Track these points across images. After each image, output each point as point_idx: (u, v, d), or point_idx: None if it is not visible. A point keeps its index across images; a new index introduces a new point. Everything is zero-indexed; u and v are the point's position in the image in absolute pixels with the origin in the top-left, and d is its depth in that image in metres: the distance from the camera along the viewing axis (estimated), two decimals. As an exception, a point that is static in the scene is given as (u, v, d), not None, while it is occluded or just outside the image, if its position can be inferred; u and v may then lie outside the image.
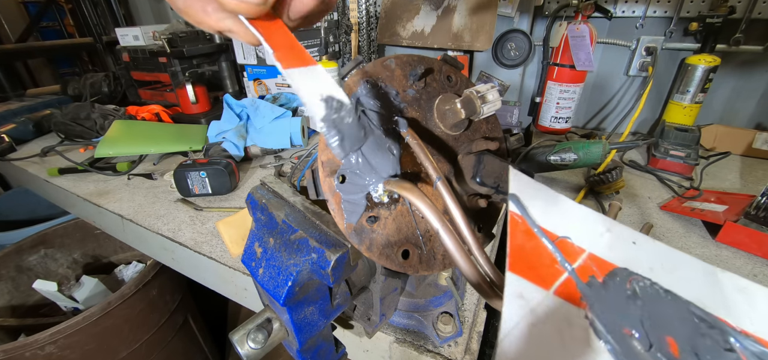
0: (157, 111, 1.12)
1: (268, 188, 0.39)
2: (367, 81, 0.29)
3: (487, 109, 0.28)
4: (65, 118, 1.06)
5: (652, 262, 0.21)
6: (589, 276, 0.20)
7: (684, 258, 0.21)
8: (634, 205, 0.66)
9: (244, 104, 0.95)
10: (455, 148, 0.32)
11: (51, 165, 0.91)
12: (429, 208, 0.24)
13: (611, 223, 0.22)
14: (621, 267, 0.21)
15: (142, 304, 0.96)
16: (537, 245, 0.21)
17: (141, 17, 1.88)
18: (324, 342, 0.39)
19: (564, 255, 0.21)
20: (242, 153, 0.87)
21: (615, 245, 0.21)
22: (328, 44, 1.18)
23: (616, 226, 0.22)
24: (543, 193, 0.22)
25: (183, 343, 1.13)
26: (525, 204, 0.21)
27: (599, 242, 0.21)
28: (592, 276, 0.20)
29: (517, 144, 0.56)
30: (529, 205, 0.22)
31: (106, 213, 0.72)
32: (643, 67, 0.97)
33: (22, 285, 1.12)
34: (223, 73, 1.31)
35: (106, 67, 1.83)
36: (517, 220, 0.21)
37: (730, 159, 0.84)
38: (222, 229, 0.57)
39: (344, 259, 0.30)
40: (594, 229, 0.22)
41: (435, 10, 1.08)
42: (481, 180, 0.29)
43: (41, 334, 0.80)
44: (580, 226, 0.22)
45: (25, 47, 2.08)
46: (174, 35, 1.08)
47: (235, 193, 0.75)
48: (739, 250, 0.53)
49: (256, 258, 0.35)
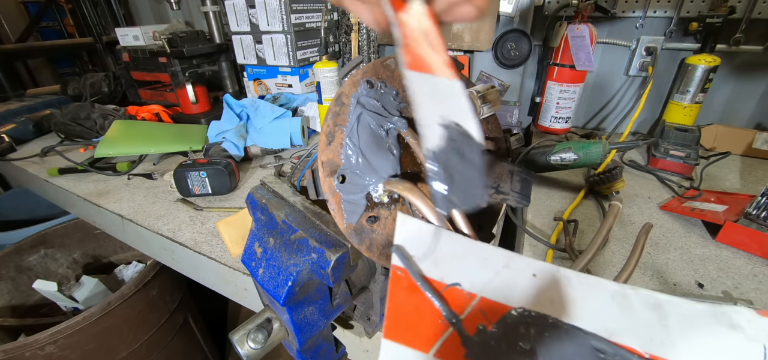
0: (157, 111, 1.12)
1: (268, 188, 0.39)
2: (367, 81, 0.29)
3: (487, 109, 0.28)
4: (65, 118, 1.06)
5: (553, 294, 0.19)
6: (478, 325, 0.18)
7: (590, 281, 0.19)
8: (634, 205, 0.66)
9: (244, 104, 0.95)
10: (455, 148, 0.32)
11: (51, 165, 0.91)
12: (429, 207, 0.24)
13: (510, 257, 0.20)
14: (515, 308, 0.19)
15: (142, 304, 0.96)
16: (420, 302, 0.19)
17: (141, 17, 1.88)
18: (324, 342, 0.39)
19: (451, 305, 0.19)
20: (242, 153, 0.87)
21: (513, 283, 0.19)
22: (328, 44, 1.18)
23: (515, 260, 0.20)
24: (435, 237, 0.20)
25: (183, 343, 1.13)
26: (410, 253, 0.20)
27: (494, 282, 0.19)
28: (482, 324, 0.18)
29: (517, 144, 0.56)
30: (417, 254, 0.20)
31: (106, 213, 0.72)
32: (643, 67, 0.97)
33: (22, 285, 1.12)
34: (223, 73, 1.31)
35: (106, 67, 1.83)
36: (398, 275, 0.19)
37: (730, 159, 0.84)
38: (222, 229, 0.57)
39: (344, 259, 0.30)
40: (491, 267, 0.20)
41: (435, 10, 1.08)
42: (481, 180, 0.29)
43: (41, 334, 0.80)
44: (475, 268, 0.20)
45: (25, 47, 2.08)
46: (174, 35, 1.08)
47: (235, 193, 0.75)
48: (739, 250, 0.53)
49: (256, 258, 0.35)
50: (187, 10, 1.67)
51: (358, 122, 0.28)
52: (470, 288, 0.19)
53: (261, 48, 1.15)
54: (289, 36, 1.07)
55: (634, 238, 0.55)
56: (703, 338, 0.18)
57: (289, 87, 1.16)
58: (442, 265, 0.20)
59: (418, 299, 0.19)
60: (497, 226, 0.63)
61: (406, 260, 0.19)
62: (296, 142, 0.93)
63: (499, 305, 0.19)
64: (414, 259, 0.20)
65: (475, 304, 0.19)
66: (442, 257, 0.20)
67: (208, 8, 1.20)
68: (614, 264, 0.51)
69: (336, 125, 0.27)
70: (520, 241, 0.59)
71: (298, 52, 1.10)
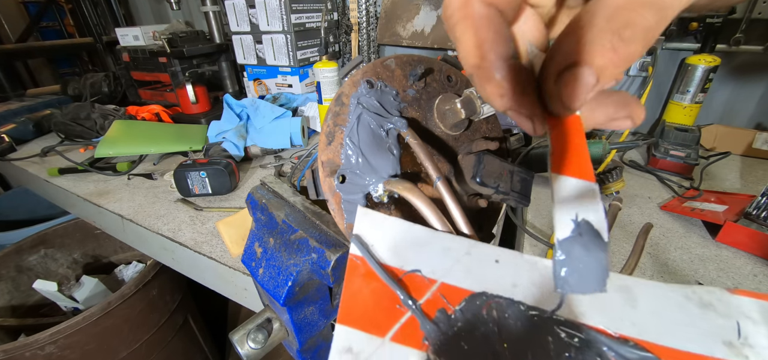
0: (157, 111, 1.12)
1: (268, 188, 0.39)
2: (367, 81, 0.29)
3: (487, 109, 0.28)
4: (65, 118, 1.06)
5: (516, 279, 0.19)
6: (438, 310, 0.18)
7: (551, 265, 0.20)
8: (634, 205, 0.66)
9: (244, 104, 0.95)
10: (455, 148, 0.32)
11: (51, 165, 0.91)
12: (428, 207, 0.24)
13: (472, 245, 0.20)
14: (477, 292, 0.19)
15: (142, 304, 0.96)
16: (376, 288, 0.19)
17: (141, 17, 1.88)
18: (324, 342, 0.39)
19: (410, 291, 0.19)
20: (242, 153, 0.87)
21: (474, 268, 0.19)
22: (328, 44, 1.18)
23: (477, 247, 0.20)
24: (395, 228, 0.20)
25: (183, 343, 1.13)
26: (368, 242, 0.20)
27: (455, 269, 0.19)
28: (441, 309, 0.18)
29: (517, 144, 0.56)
30: (374, 242, 0.20)
31: (106, 213, 0.72)
32: (643, 67, 0.97)
33: (22, 285, 1.12)
34: (223, 73, 1.31)
35: (106, 67, 1.83)
36: (356, 263, 0.19)
37: (730, 159, 0.84)
38: (222, 229, 0.57)
39: (344, 259, 0.30)
40: (452, 255, 0.20)
41: (435, 10, 1.08)
42: (481, 180, 0.29)
43: (41, 334, 0.80)
44: (436, 255, 0.20)
45: (25, 47, 2.08)
46: (174, 35, 1.08)
47: (235, 193, 0.75)
48: (739, 250, 0.53)
49: (256, 258, 0.35)
50: (187, 10, 1.67)
51: (358, 122, 0.28)
52: (430, 274, 0.19)
53: (261, 48, 1.15)
54: (289, 36, 1.07)
55: (634, 238, 0.55)
56: (674, 316, 0.18)
57: (289, 87, 1.16)
58: (402, 254, 0.20)
59: (376, 286, 0.19)
60: (497, 226, 0.63)
61: (364, 248, 0.19)
62: (296, 142, 0.93)
63: (460, 290, 0.19)
64: (373, 247, 0.20)
65: (435, 290, 0.19)
66: (403, 247, 0.20)
67: (208, 8, 1.20)
68: (614, 264, 0.51)
69: (336, 125, 0.27)
70: (520, 241, 0.59)
71: (298, 52, 1.10)
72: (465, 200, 0.32)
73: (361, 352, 0.17)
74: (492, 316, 0.18)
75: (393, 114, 0.29)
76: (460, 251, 0.20)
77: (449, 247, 0.20)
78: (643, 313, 0.18)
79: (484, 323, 0.18)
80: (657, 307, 0.18)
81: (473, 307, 0.18)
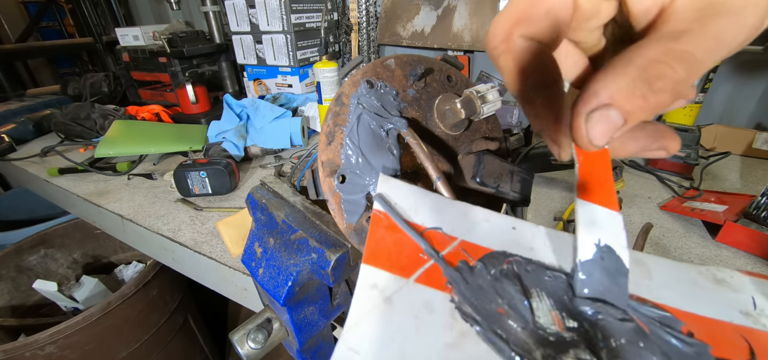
0: (157, 111, 1.12)
1: (268, 188, 0.39)
2: (367, 81, 0.29)
3: (487, 109, 0.28)
4: (65, 118, 1.06)
5: (532, 244, 0.20)
6: (460, 261, 0.19)
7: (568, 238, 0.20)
8: (634, 205, 0.66)
9: (244, 104, 0.95)
10: (455, 148, 0.32)
11: (51, 165, 0.91)
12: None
13: (490, 214, 0.21)
14: (498, 250, 0.19)
15: (142, 304, 0.96)
16: (400, 238, 0.19)
17: (141, 17, 1.88)
18: (324, 342, 0.39)
19: (432, 244, 0.19)
20: (242, 153, 0.87)
21: (493, 232, 0.20)
22: (328, 44, 1.18)
23: (496, 216, 0.21)
24: (414, 193, 0.21)
25: (183, 343, 1.14)
26: (392, 201, 0.20)
27: (475, 231, 0.20)
28: (463, 261, 0.19)
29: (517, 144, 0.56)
30: (397, 202, 0.20)
31: (106, 213, 0.72)
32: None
33: (22, 285, 1.12)
34: (223, 73, 1.31)
35: (106, 67, 1.83)
36: (379, 217, 0.20)
37: (730, 159, 0.84)
38: (222, 229, 0.57)
39: (344, 259, 0.30)
40: (470, 219, 0.21)
41: (435, 10, 1.08)
42: (481, 180, 0.29)
43: (41, 334, 0.80)
44: (455, 218, 0.20)
45: (25, 47, 2.08)
46: (174, 35, 1.08)
47: (235, 193, 0.75)
48: (739, 250, 0.53)
49: (256, 258, 0.35)
50: (187, 10, 1.67)
51: (358, 122, 0.28)
52: (451, 232, 0.20)
53: (261, 48, 1.15)
54: (289, 36, 1.07)
55: (634, 238, 0.55)
56: (689, 289, 0.19)
57: (289, 87, 1.16)
58: (423, 214, 0.20)
59: (399, 236, 0.19)
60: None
61: (387, 205, 0.20)
62: (296, 142, 0.93)
63: (480, 247, 0.19)
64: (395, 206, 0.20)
65: (456, 245, 0.19)
66: (423, 209, 0.21)
67: (208, 8, 1.20)
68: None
69: (336, 125, 0.27)
70: (520, 241, 0.59)
71: (298, 52, 1.10)
72: (465, 200, 0.32)
73: (387, 288, 0.17)
74: (513, 270, 0.19)
75: (393, 114, 0.29)
76: (479, 217, 0.21)
77: (467, 213, 0.21)
78: (658, 284, 0.18)
79: (506, 276, 0.19)
80: (671, 279, 0.19)
81: (494, 261, 0.19)
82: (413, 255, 0.19)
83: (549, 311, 0.17)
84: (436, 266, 0.19)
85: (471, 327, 0.17)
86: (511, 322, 0.17)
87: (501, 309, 0.17)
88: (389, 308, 0.17)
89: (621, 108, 0.14)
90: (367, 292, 0.17)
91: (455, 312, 0.17)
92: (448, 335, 0.16)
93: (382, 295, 0.17)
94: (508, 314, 0.17)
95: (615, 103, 0.15)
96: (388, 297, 0.17)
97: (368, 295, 0.17)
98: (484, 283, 0.18)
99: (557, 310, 0.17)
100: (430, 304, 0.17)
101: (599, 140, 0.15)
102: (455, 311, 0.17)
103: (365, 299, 0.17)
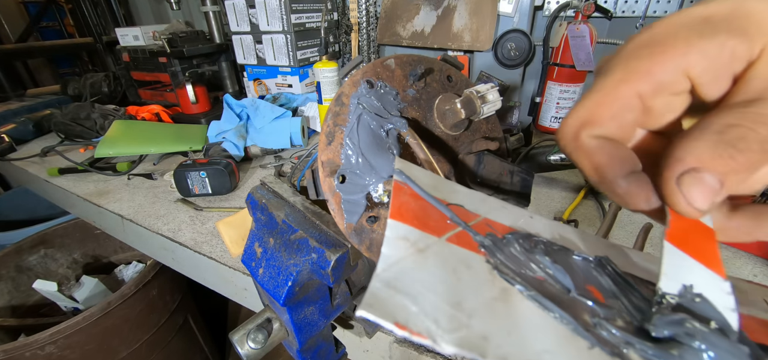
0: (157, 111, 1.12)
1: (268, 188, 0.39)
2: (367, 81, 0.29)
3: (487, 109, 0.28)
4: (65, 118, 1.06)
5: (552, 233, 0.20)
6: (487, 233, 0.18)
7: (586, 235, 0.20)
8: (634, 205, 0.66)
9: (244, 104, 0.95)
10: (455, 148, 0.32)
11: (51, 165, 0.91)
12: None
13: (505, 203, 0.21)
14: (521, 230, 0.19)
15: (142, 304, 0.96)
16: (424, 205, 0.19)
17: (141, 17, 1.88)
18: (324, 342, 0.39)
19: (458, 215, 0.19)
20: (242, 153, 0.87)
21: (513, 216, 0.20)
22: (328, 44, 1.18)
23: (513, 207, 0.21)
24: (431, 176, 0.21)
25: (183, 343, 1.14)
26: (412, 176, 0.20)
27: (494, 212, 0.20)
28: (490, 232, 0.18)
29: (517, 144, 0.56)
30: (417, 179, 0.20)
31: (106, 213, 0.72)
32: None
33: (22, 285, 1.12)
34: (223, 73, 1.31)
35: (106, 67, 1.83)
36: (401, 186, 0.19)
37: (730, 159, 0.84)
38: (222, 229, 0.57)
39: (344, 259, 0.30)
40: (489, 204, 0.20)
41: (435, 10, 1.08)
42: (481, 180, 0.29)
43: (41, 334, 0.80)
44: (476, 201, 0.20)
45: (25, 47, 2.08)
46: (174, 35, 1.08)
47: (235, 193, 0.75)
48: (739, 250, 0.53)
49: (256, 258, 0.35)
50: (187, 10, 1.67)
51: (358, 122, 0.28)
52: (474, 210, 0.20)
53: (261, 48, 1.15)
54: (289, 36, 1.07)
55: (634, 238, 0.55)
56: None
57: (289, 87, 1.16)
58: (443, 192, 0.20)
59: (423, 203, 0.19)
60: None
61: (409, 178, 0.19)
62: (296, 142, 0.93)
63: (504, 225, 0.19)
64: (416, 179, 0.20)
65: (481, 220, 0.19)
66: (442, 189, 0.20)
67: (208, 8, 1.20)
68: (614, 264, 0.51)
69: (336, 125, 0.27)
70: (520, 241, 0.59)
71: (298, 52, 1.10)
72: (465, 200, 0.32)
73: (419, 241, 0.16)
74: (540, 248, 0.18)
75: (393, 114, 0.29)
76: (496, 204, 0.21)
77: (485, 200, 0.21)
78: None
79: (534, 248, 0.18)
80: None
81: (520, 238, 0.19)
82: (440, 220, 0.18)
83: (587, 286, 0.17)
84: (464, 232, 0.18)
85: (513, 286, 0.16)
86: (550, 288, 0.16)
87: (540, 276, 0.17)
88: (424, 259, 0.16)
89: (713, 171, 0.14)
90: (399, 242, 0.16)
91: (494, 271, 0.16)
92: (491, 290, 0.15)
93: (415, 246, 0.16)
94: (547, 281, 0.17)
95: (704, 166, 0.14)
96: (422, 249, 0.16)
97: (400, 245, 0.16)
98: (517, 253, 0.18)
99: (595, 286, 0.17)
100: (467, 261, 0.16)
101: (700, 203, 0.14)
102: (494, 271, 0.16)
103: (397, 248, 0.16)
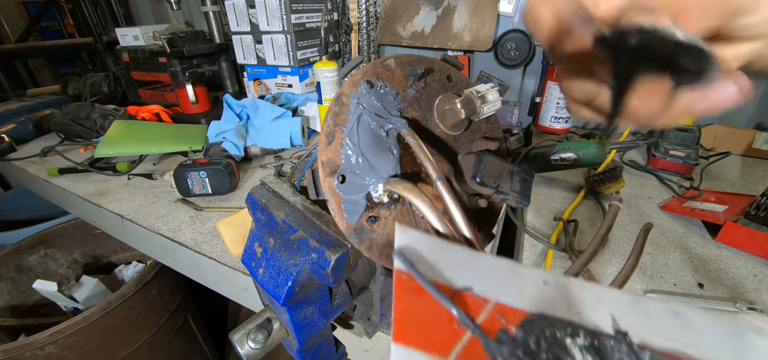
0: (157, 111, 1.12)
1: (268, 188, 0.39)
2: (367, 81, 0.29)
3: (487, 109, 0.28)
4: (65, 118, 1.06)
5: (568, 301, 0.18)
6: (499, 330, 0.17)
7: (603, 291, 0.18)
8: (634, 205, 0.66)
9: (244, 104, 0.95)
10: (455, 148, 0.32)
11: (51, 165, 0.91)
12: (429, 207, 0.24)
13: (515, 266, 0.19)
14: (535, 313, 0.18)
15: (142, 304, 0.96)
16: (429, 305, 0.17)
17: (141, 17, 1.88)
18: (324, 342, 0.39)
19: (466, 310, 0.17)
20: (242, 153, 0.87)
21: (525, 289, 0.18)
22: (328, 44, 1.18)
23: (520, 269, 0.19)
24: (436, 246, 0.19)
25: (183, 343, 1.14)
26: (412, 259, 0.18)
27: (506, 288, 0.18)
28: (502, 330, 0.17)
29: (517, 144, 0.56)
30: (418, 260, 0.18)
31: (106, 213, 0.72)
32: None
33: (22, 285, 1.12)
34: (223, 73, 1.31)
35: (106, 67, 1.83)
36: (402, 279, 0.18)
37: (730, 159, 0.84)
38: (222, 229, 0.57)
39: (344, 259, 0.30)
40: (499, 275, 0.19)
41: (435, 10, 1.08)
42: (481, 180, 0.29)
43: (41, 334, 0.80)
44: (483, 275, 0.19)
45: (25, 47, 2.09)
46: (174, 35, 1.08)
47: (235, 193, 0.75)
48: (739, 250, 0.53)
49: (256, 258, 0.35)
50: (187, 10, 1.67)
51: (358, 122, 0.28)
52: (483, 294, 0.18)
53: (261, 48, 1.15)
54: (289, 36, 1.07)
55: (634, 238, 0.55)
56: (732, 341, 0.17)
57: (289, 87, 1.16)
58: (448, 272, 0.18)
59: (428, 303, 0.17)
60: (497, 226, 0.63)
61: (410, 264, 0.18)
62: (296, 142, 0.93)
63: (517, 310, 0.18)
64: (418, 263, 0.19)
65: (491, 309, 0.18)
66: (447, 266, 0.19)
67: (208, 8, 1.20)
68: (614, 264, 0.51)
69: (336, 125, 0.27)
70: (520, 241, 0.59)
71: (298, 52, 1.10)
72: (465, 200, 0.32)
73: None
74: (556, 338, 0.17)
75: (393, 114, 0.29)
76: (506, 271, 0.19)
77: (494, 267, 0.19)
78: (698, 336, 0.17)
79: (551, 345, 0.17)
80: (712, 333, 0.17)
81: (535, 328, 0.17)
82: (447, 327, 0.17)
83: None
84: (475, 339, 0.17)
85: None
86: None
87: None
88: None
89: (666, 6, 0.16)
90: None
91: None
92: None
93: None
94: None
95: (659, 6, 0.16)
96: None
97: None
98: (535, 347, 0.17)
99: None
100: None
101: None
102: None
103: None
